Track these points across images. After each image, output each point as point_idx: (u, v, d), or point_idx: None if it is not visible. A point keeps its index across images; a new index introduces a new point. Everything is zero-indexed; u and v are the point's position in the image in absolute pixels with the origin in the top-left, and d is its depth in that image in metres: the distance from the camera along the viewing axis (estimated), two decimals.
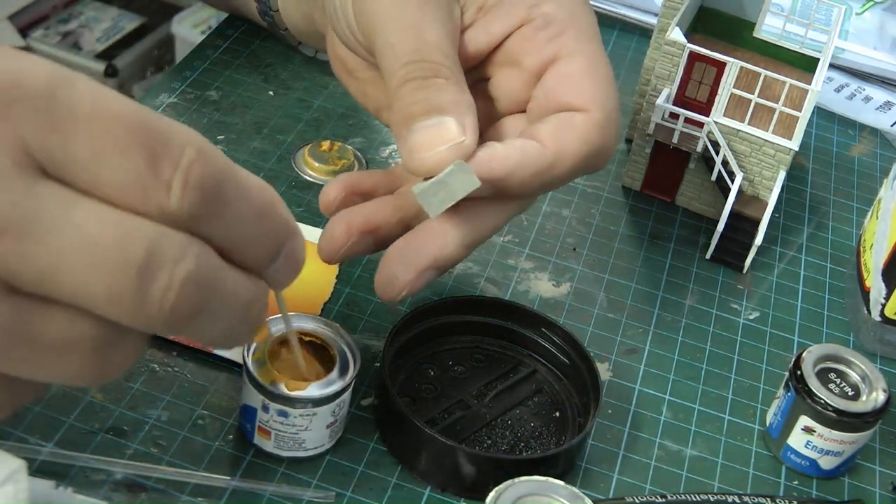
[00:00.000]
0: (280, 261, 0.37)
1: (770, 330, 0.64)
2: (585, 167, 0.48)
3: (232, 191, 0.34)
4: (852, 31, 0.92)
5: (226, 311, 0.35)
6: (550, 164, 0.47)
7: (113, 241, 0.32)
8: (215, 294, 0.34)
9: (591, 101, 0.48)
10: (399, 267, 0.48)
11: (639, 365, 0.60)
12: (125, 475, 0.48)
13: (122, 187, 0.32)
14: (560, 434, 0.54)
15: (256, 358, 0.48)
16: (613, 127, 0.49)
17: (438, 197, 0.44)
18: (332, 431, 0.50)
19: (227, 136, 0.69)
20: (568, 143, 0.47)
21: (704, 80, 0.67)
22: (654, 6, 0.90)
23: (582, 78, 0.49)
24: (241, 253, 0.35)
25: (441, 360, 0.56)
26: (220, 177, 0.34)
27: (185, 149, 0.33)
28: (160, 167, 0.32)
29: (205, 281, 0.33)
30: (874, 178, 0.80)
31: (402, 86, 0.47)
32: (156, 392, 0.52)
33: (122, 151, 0.32)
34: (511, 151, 0.46)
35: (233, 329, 0.36)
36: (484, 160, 0.46)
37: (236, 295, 0.35)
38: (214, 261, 0.34)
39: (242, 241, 0.35)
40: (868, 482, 0.56)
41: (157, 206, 0.33)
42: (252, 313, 0.36)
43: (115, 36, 2.10)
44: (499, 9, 0.51)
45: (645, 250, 0.68)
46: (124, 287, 0.32)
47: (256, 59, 0.76)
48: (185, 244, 0.33)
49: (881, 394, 0.54)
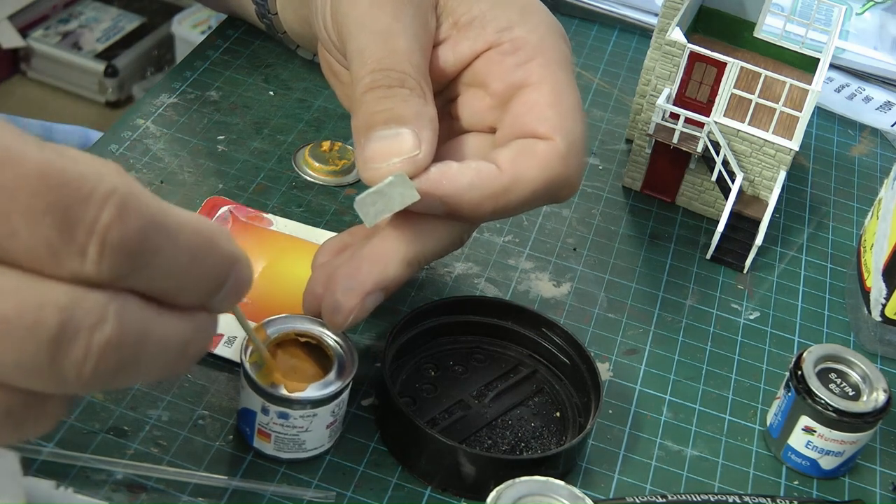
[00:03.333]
0: (223, 292, 0.35)
1: (770, 330, 0.64)
2: (545, 195, 0.48)
3: (161, 241, 0.32)
4: (852, 31, 0.92)
5: (158, 359, 0.33)
6: (505, 189, 0.46)
7: (21, 312, 0.30)
8: (143, 348, 0.32)
9: (555, 130, 0.47)
10: (342, 294, 0.47)
11: (639, 365, 0.60)
12: (126, 475, 0.48)
13: (33, 254, 0.30)
14: (560, 434, 0.54)
15: (253, 361, 0.48)
16: (576, 157, 0.48)
17: (376, 207, 0.44)
18: (331, 431, 0.50)
19: (227, 136, 0.69)
20: (526, 170, 0.47)
21: (705, 80, 0.67)
22: (654, 6, 0.90)
23: (547, 107, 0.48)
24: (175, 297, 0.34)
25: (441, 360, 0.56)
26: (145, 231, 0.31)
27: (104, 207, 0.30)
28: (73, 233, 0.30)
29: (130, 339, 0.32)
30: (874, 178, 0.80)
31: (367, 93, 0.46)
32: (156, 392, 0.52)
33: (29, 217, 0.29)
34: (465, 171, 0.46)
35: (170, 370, 0.34)
36: (435, 177, 0.45)
37: (168, 341, 0.33)
38: (140, 314, 0.32)
39: (176, 287, 0.33)
40: (868, 482, 0.56)
41: (70, 272, 0.30)
42: (191, 351, 0.35)
43: (115, 36, 2.10)
44: (470, 28, 0.50)
45: (645, 250, 0.68)
46: (37, 360, 0.30)
47: (257, 60, 0.76)
48: (104, 306, 0.31)
49: (882, 394, 0.54)
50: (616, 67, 0.86)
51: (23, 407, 0.32)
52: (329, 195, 0.66)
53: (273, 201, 0.65)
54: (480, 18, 0.50)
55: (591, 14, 0.91)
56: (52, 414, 0.33)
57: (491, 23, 0.50)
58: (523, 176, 0.47)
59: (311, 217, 0.64)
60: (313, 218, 0.64)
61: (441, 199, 0.46)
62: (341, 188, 0.67)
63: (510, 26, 0.50)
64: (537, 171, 0.47)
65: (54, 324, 0.30)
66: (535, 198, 0.48)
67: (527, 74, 0.49)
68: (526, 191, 0.47)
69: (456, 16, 0.50)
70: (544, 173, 0.47)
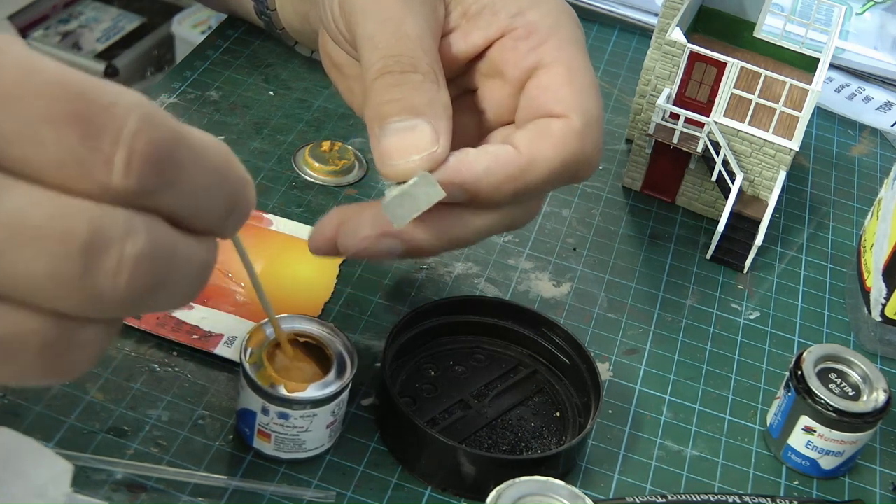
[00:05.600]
0: (235, 215, 0.34)
1: (770, 330, 0.64)
2: (564, 174, 0.48)
3: (186, 156, 0.31)
4: (852, 31, 0.92)
5: (184, 281, 0.33)
6: (523, 170, 0.46)
7: (52, 220, 0.29)
8: (173, 266, 0.32)
9: (571, 108, 0.47)
10: (365, 223, 0.46)
11: (639, 365, 0.60)
12: (126, 475, 0.48)
13: (60, 167, 0.29)
14: (560, 434, 0.54)
15: (253, 362, 0.48)
16: (593, 135, 0.48)
17: (404, 208, 0.44)
18: (331, 431, 0.50)
19: (227, 136, 0.69)
20: (543, 149, 0.46)
21: (705, 80, 0.67)
22: (655, 6, 0.90)
23: (562, 86, 0.48)
24: (196, 219, 0.33)
25: (441, 360, 0.56)
26: (171, 144, 0.31)
27: (129, 117, 0.29)
28: (99, 141, 0.29)
29: (161, 254, 0.31)
30: (874, 178, 0.80)
31: (378, 79, 0.46)
32: (156, 392, 0.52)
33: (54, 125, 0.29)
34: (482, 156, 0.46)
35: (191, 295, 0.34)
36: (454, 166, 0.45)
37: (191, 263, 0.33)
38: (168, 232, 0.32)
39: (199, 208, 0.33)
40: (868, 482, 0.56)
41: (98, 184, 0.30)
42: (206, 275, 0.34)
43: (115, 36, 2.10)
44: (481, 17, 0.50)
45: (645, 250, 0.68)
46: (69, 271, 0.29)
47: (257, 60, 0.76)
48: (133, 219, 0.30)
49: (882, 394, 0.54)
50: (616, 67, 0.86)
51: (59, 336, 0.31)
52: (329, 195, 0.66)
53: (273, 201, 0.65)
54: (491, 6, 0.50)
55: (591, 14, 0.91)
56: (90, 346, 0.32)
57: (503, 9, 0.50)
58: (540, 155, 0.46)
59: (310, 217, 0.64)
60: (313, 218, 0.64)
61: (461, 187, 0.45)
62: (341, 188, 0.67)
63: (522, 11, 0.50)
64: (554, 149, 0.47)
65: (85, 231, 0.29)
66: (554, 177, 0.47)
67: (540, 57, 0.49)
68: (544, 170, 0.47)
69: (465, 5, 0.50)
70: (562, 152, 0.47)
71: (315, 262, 0.60)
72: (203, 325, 0.55)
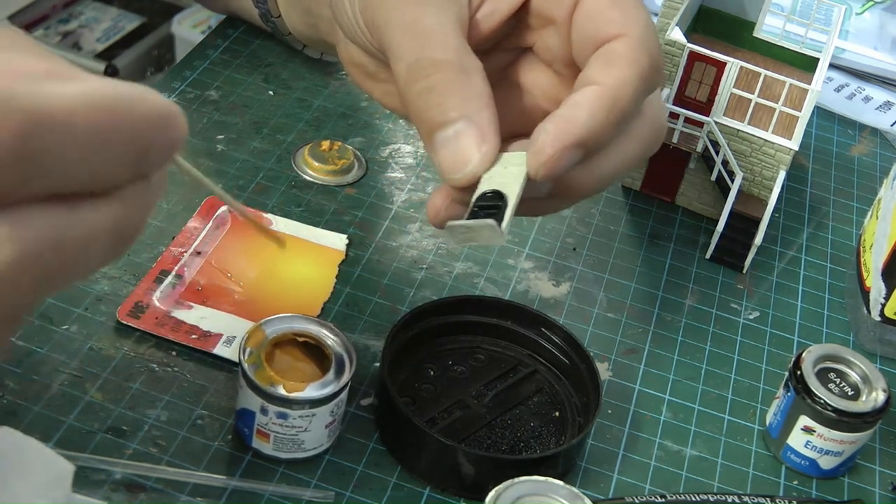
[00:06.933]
0: (152, 152, 0.32)
1: (770, 330, 0.64)
2: (646, 87, 0.48)
3: (49, 137, 0.28)
4: (852, 31, 0.92)
5: (88, 253, 0.31)
6: (614, 99, 0.46)
7: None
8: (62, 253, 0.30)
9: (624, 25, 0.47)
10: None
11: (639, 365, 0.60)
12: (125, 475, 0.48)
13: None
14: (560, 434, 0.54)
15: (252, 361, 0.48)
16: (653, 41, 0.48)
17: (464, 236, 0.44)
18: (330, 431, 0.50)
19: (227, 136, 0.69)
20: (620, 73, 0.46)
21: (704, 79, 0.67)
22: (654, 6, 0.90)
23: (607, 8, 0.48)
24: (93, 183, 0.31)
25: (441, 360, 0.56)
26: (25, 133, 0.28)
27: None
28: None
29: (39, 251, 0.29)
30: (874, 178, 0.80)
31: (408, 90, 0.46)
32: (155, 392, 0.52)
33: None
34: (576, 110, 0.45)
35: (110, 256, 0.32)
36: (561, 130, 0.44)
37: (93, 233, 0.31)
38: (46, 223, 0.29)
39: (88, 174, 0.30)
40: (868, 482, 0.56)
41: None
42: (127, 231, 0.32)
43: (115, 36, 2.10)
44: None
45: (645, 250, 0.68)
46: None
47: (256, 59, 0.76)
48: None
49: (881, 394, 0.54)
50: None
51: None
52: (328, 195, 0.66)
53: (272, 201, 0.65)
54: None
55: None
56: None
57: None
58: (621, 79, 0.46)
59: (310, 216, 0.64)
60: (313, 217, 0.64)
61: (574, 146, 0.45)
62: (341, 188, 0.67)
63: None
64: (629, 68, 0.47)
65: None
66: (639, 93, 0.47)
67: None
68: (631, 90, 0.47)
69: None
70: (636, 67, 0.47)
71: (315, 262, 0.61)
72: (202, 324, 0.55)
